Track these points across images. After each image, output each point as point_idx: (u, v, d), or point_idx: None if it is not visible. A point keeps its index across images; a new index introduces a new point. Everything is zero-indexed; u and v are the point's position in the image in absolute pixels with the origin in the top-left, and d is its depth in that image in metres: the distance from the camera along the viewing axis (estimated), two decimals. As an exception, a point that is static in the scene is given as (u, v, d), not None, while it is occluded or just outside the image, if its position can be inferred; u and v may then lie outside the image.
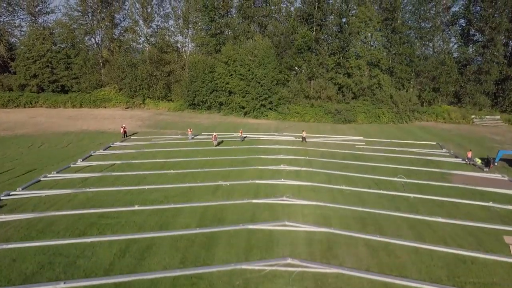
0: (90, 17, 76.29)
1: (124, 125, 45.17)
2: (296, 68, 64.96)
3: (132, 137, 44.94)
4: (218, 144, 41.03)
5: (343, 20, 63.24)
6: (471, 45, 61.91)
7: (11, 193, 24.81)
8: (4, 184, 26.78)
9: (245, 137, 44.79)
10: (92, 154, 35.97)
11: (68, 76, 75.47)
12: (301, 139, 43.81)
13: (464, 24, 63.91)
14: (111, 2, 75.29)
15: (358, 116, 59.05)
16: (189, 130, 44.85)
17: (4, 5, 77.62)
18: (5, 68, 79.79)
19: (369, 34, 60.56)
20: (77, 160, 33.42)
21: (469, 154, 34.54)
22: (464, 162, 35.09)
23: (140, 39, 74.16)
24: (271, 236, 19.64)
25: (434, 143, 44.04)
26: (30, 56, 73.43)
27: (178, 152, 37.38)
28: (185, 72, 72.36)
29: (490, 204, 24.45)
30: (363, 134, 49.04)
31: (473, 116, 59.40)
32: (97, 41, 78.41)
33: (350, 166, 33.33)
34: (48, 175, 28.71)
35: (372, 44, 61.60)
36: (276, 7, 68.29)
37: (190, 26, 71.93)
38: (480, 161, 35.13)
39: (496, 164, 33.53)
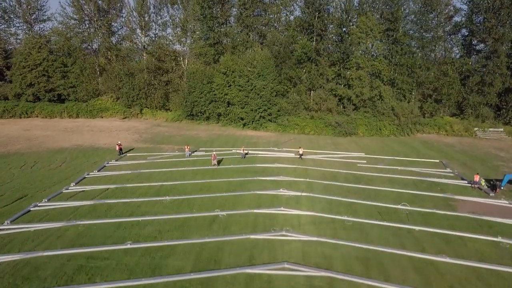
0: (87, 25, 75.24)
1: (119, 142, 44.06)
2: (296, 78, 63.69)
3: (128, 154, 43.85)
4: (218, 163, 39.83)
5: (344, 29, 62.13)
6: (473, 56, 60.79)
7: (-2, 228, 23.76)
8: (-8, 215, 25.70)
9: (246, 154, 43.73)
10: (86, 176, 34.91)
11: (65, 84, 74.54)
12: (298, 156, 42.92)
13: (466, 34, 62.81)
14: (108, 10, 74.19)
15: (359, 128, 57.97)
16: (186, 147, 43.77)
17: (0, 13, 76.52)
18: (0, 76, 78.83)
19: (370, 44, 59.42)
20: (70, 184, 32.34)
21: (476, 178, 33.40)
22: (470, 185, 34.01)
23: (138, 47, 72.97)
24: (270, 282, 18.58)
25: (438, 161, 42.93)
26: (26, 64, 72.53)
27: (174, 174, 36.29)
28: (183, 81, 71.28)
29: (499, 239, 23.40)
30: (364, 150, 47.95)
31: (476, 129, 58.32)
32: (94, 49, 77.24)
33: (351, 190, 32.28)
34: (39, 204, 27.65)
35: (373, 54, 60.39)
36: (275, 15, 67.23)
37: (188, 35, 70.83)
38: (484, 182, 34.11)
39: (502, 188, 32.47)
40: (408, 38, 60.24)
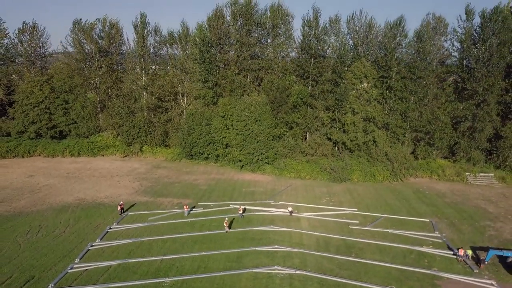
0: (88, 64, 76.99)
1: (121, 202, 45.64)
2: (291, 123, 65.47)
3: (129, 213, 45.40)
4: (230, 226, 41.21)
5: (339, 74, 63.78)
6: (464, 102, 62.16)
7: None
8: (2, 308, 27.23)
9: (244, 210, 45.40)
10: (90, 248, 36.44)
11: (66, 121, 76.31)
12: (289, 214, 44.92)
13: (457, 78, 64.48)
14: (109, 50, 75.92)
15: (354, 174, 59.60)
16: (185, 206, 45.39)
17: (2, 51, 78.24)
18: (3, 111, 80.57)
19: (364, 91, 61.05)
20: (74, 259, 33.90)
21: (461, 252, 35.06)
22: (455, 256, 35.63)
23: (138, 87, 74.52)
24: None
25: (427, 220, 44.57)
26: (28, 102, 74.20)
27: (174, 242, 37.83)
28: (182, 118, 72.93)
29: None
30: (358, 203, 49.66)
31: (467, 174, 59.96)
32: (95, 85, 78.83)
33: (343, 265, 33.85)
34: (45, 292, 29.15)
35: (367, 99, 61.95)
36: (272, 59, 68.99)
37: (187, 76, 72.43)
38: (471, 252, 35.70)
39: (486, 263, 34.09)
40: (401, 84, 61.90)
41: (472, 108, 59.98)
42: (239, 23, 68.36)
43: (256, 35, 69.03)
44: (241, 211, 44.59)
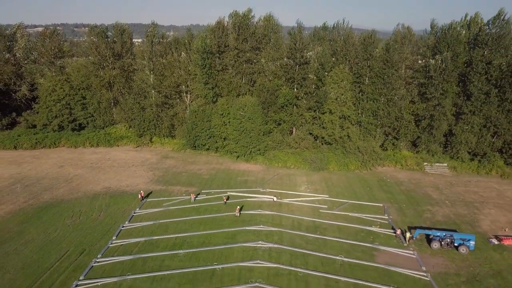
0: (103, 65, 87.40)
1: (142, 192, 57.71)
2: (279, 120, 76.94)
3: (148, 200, 57.56)
4: (240, 210, 53.12)
5: (319, 78, 74.61)
6: (425, 103, 73.21)
7: None
8: (70, 272, 39.54)
9: (228, 198, 57.40)
10: (122, 228, 48.71)
11: (85, 115, 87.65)
12: (273, 200, 57.01)
13: (421, 82, 75.22)
14: (121, 53, 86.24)
15: (330, 164, 71.55)
16: (192, 194, 57.49)
17: (26, 52, 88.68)
18: (28, 105, 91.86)
19: (341, 94, 72.10)
20: (112, 237, 46.17)
21: (398, 232, 47.41)
22: (394, 235, 47.96)
23: (147, 86, 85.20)
24: (245, 325, 32.74)
25: (381, 205, 56.72)
26: (51, 99, 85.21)
27: (184, 224, 50.06)
28: (187, 113, 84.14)
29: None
30: (330, 191, 61.70)
31: (425, 164, 71.91)
32: (110, 82, 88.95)
33: (309, 241, 46.18)
34: (97, 260, 41.33)
35: (343, 101, 73.05)
36: (263, 64, 79.56)
37: (190, 77, 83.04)
38: (409, 234, 47.71)
39: (414, 239, 46.46)
40: (372, 88, 72.87)
41: (430, 109, 71.21)
42: (237, 31, 78.46)
43: (250, 42, 79.20)
44: (225, 200, 56.61)
